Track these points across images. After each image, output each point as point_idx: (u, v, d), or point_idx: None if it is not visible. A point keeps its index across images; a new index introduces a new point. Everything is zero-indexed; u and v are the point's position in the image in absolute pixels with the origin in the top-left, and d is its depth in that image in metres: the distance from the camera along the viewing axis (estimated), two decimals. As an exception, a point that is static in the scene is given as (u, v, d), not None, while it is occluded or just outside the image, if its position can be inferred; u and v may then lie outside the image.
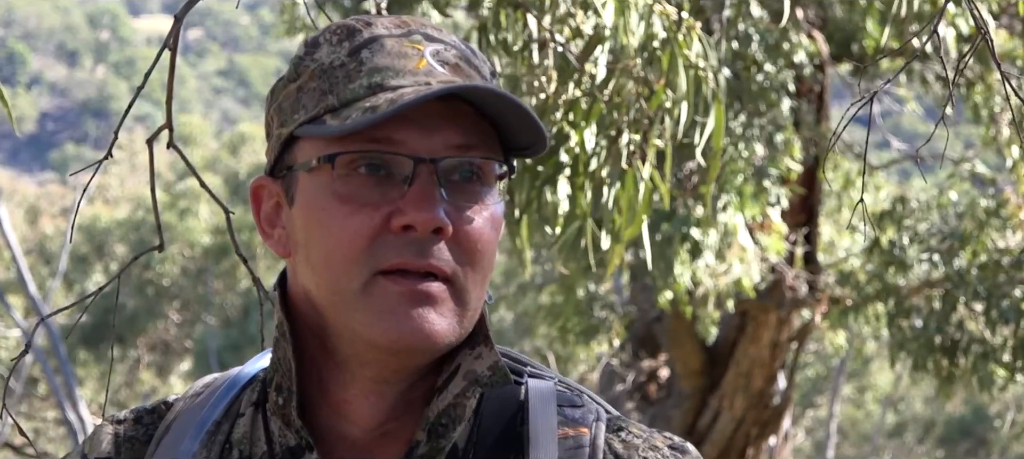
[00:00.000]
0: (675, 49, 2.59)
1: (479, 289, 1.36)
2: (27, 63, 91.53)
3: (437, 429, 1.37)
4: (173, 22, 2.36)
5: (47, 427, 23.53)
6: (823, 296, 10.02)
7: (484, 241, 1.35)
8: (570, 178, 2.73)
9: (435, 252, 1.33)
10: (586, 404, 1.43)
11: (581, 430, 1.41)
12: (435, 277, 1.34)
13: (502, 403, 1.41)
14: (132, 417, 1.49)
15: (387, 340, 1.33)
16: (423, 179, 1.34)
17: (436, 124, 1.34)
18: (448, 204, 1.34)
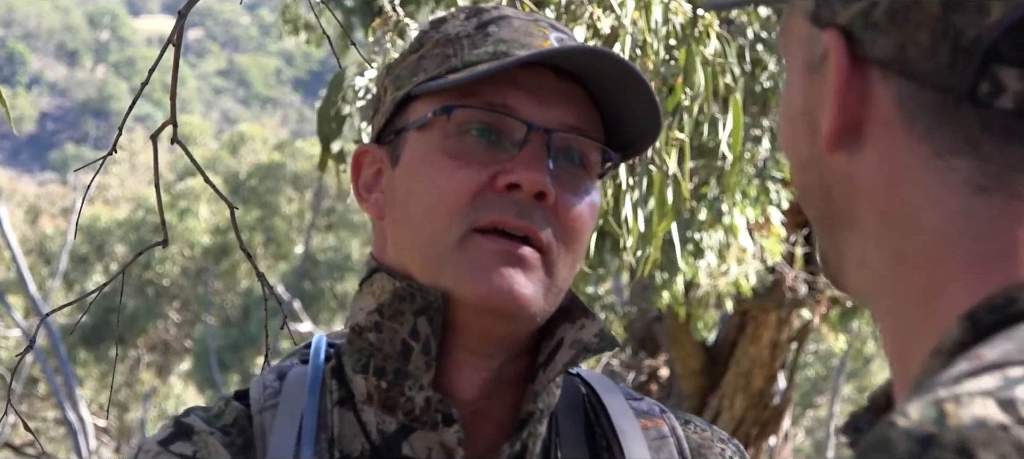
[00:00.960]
0: (692, 46, 2.59)
1: (569, 270, 1.38)
2: (27, 63, 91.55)
3: (534, 414, 1.38)
4: (177, 18, 2.36)
5: (47, 427, 23.53)
6: (823, 297, 10.03)
7: (582, 222, 1.37)
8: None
9: (536, 217, 1.35)
10: (640, 397, 1.47)
11: (657, 422, 1.43)
12: (530, 242, 1.35)
13: (570, 394, 1.43)
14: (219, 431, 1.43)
15: (475, 296, 1.34)
16: (534, 145, 1.35)
17: (554, 100, 1.36)
18: (555, 178, 1.36)
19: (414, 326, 1.36)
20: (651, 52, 2.59)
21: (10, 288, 21.97)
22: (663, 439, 1.41)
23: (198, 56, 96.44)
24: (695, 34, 2.59)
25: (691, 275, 8.36)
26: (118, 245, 23.77)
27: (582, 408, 1.42)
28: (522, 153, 1.35)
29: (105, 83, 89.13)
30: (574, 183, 1.37)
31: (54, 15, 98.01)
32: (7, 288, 21.63)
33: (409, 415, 1.37)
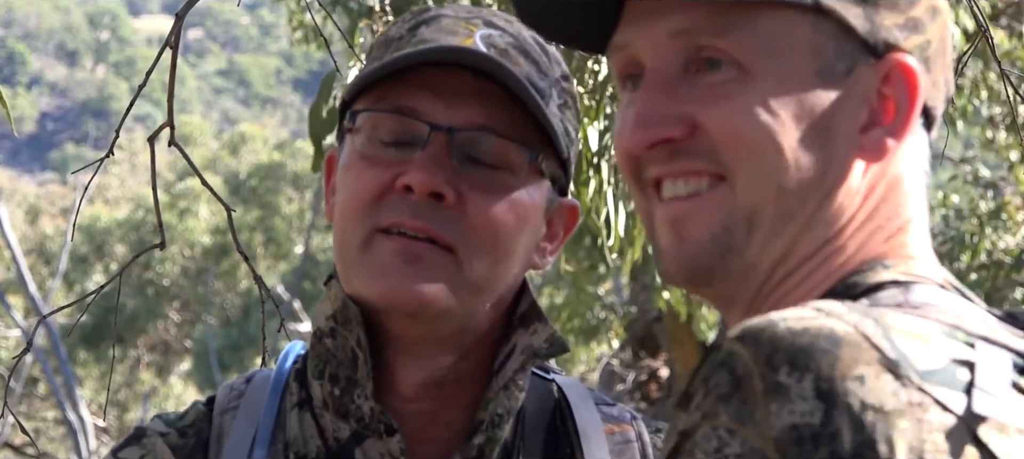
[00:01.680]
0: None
1: (490, 268, 1.36)
2: (27, 63, 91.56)
3: (493, 419, 1.38)
4: (174, 20, 2.36)
5: (47, 427, 23.53)
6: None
7: (495, 222, 1.35)
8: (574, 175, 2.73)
9: (434, 217, 1.34)
10: (615, 403, 1.46)
11: (624, 427, 1.43)
12: (434, 242, 1.34)
13: (541, 399, 1.43)
14: (174, 431, 1.47)
15: (376, 296, 1.35)
16: (435, 146, 1.35)
17: (462, 99, 1.36)
18: (462, 178, 1.35)
19: (359, 334, 1.39)
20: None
21: (10, 288, 21.97)
22: (627, 444, 1.42)
23: (198, 56, 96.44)
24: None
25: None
26: (118, 245, 23.76)
27: (551, 413, 1.42)
28: (422, 154, 1.35)
29: (105, 83, 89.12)
30: (486, 182, 1.35)
31: (54, 15, 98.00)
32: (7, 288, 21.63)
33: (360, 423, 1.38)
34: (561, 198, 1.43)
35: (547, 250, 1.43)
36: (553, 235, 1.43)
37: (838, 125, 1.04)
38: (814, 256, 1.04)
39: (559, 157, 1.40)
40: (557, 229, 1.43)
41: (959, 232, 9.23)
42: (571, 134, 1.42)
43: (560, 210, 1.43)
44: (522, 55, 1.38)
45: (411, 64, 1.35)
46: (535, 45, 1.40)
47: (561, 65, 1.42)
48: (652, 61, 1.06)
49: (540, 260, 1.42)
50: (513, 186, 1.36)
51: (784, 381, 0.89)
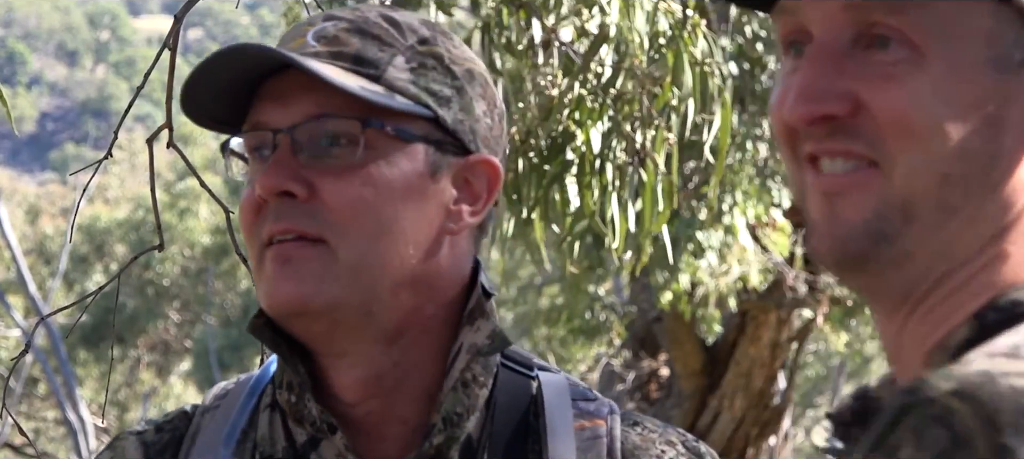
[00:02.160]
0: (681, 47, 2.58)
1: (368, 246, 1.35)
2: (27, 63, 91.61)
3: (451, 418, 1.38)
4: (173, 22, 2.35)
5: (47, 427, 23.54)
6: (824, 296, 10.02)
7: (352, 200, 1.35)
8: (577, 177, 2.72)
9: (293, 214, 1.35)
10: (598, 398, 1.45)
11: (597, 422, 1.42)
12: (303, 238, 1.35)
13: (515, 395, 1.43)
14: (152, 428, 1.51)
15: (267, 308, 1.37)
16: (281, 149, 1.36)
17: (295, 96, 1.37)
18: (312, 170, 1.35)
19: (282, 346, 1.41)
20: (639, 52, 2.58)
21: (10, 288, 21.97)
22: (596, 439, 1.41)
23: (198, 56, 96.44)
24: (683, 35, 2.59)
25: (692, 274, 8.36)
26: (118, 245, 23.77)
27: (524, 410, 1.42)
28: (270, 162, 1.36)
29: (105, 83, 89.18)
30: (335, 166, 1.35)
31: (54, 15, 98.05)
32: (7, 288, 21.63)
33: (313, 426, 1.40)
34: (465, 157, 1.41)
35: (465, 212, 1.41)
36: (475, 195, 1.41)
37: (1010, 118, 0.98)
38: (977, 257, 0.99)
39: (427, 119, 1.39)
40: (477, 188, 1.41)
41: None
42: (439, 92, 1.40)
43: (469, 168, 1.41)
44: (356, 35, 1.38)
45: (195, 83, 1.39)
46: (380, 22, 1.40)
47: (418, 32, 1.41)
48: (820, 31, 1.01)
49: (457, 225, 1.40)
50: (364, 161, 1.36)
51: (1010, 444, 0.84)
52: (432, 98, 1.39)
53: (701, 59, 2.58)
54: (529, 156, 2.70)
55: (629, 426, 1.44)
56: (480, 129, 1.42)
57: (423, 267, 1.38)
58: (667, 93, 2.60)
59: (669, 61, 2.59)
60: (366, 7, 1.42)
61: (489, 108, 1.43)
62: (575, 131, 2.67)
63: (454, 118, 1.40)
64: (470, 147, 1.41)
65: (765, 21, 8.32)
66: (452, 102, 1.40)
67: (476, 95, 1.42)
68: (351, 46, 1.38)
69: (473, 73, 1.43)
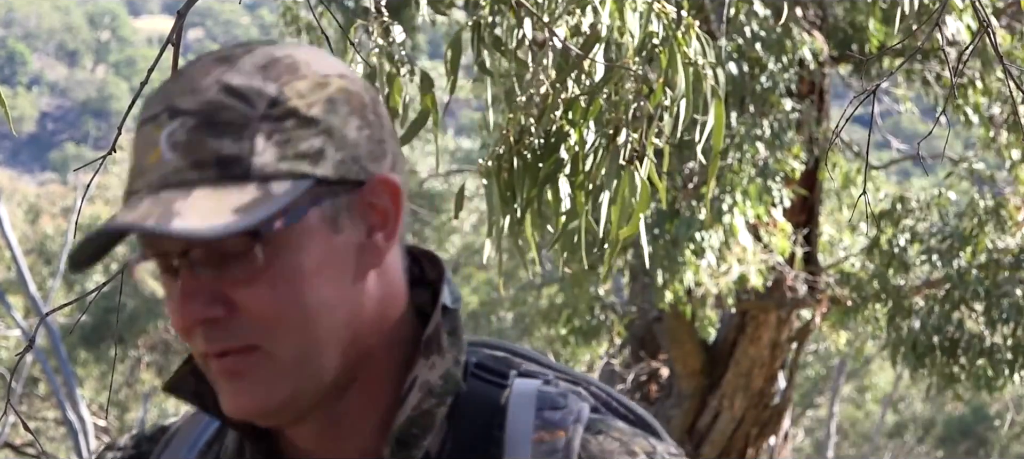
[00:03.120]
0: (674, 47, 2.58)
1: (299, 336, 1.32)
2: (27, 63, 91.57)
3: (407, 440, 1.37)
4: (176, 17, 2.36)
5: (47, 427, 23.53)
6: (823, 296, 10.03)
7: (269, 304, 1.31)
8: (569, 176, 2.72)
9: (220, 334, 1.32)
10: (568, 405, 1.40)
11: (557, 434, 1.38)
12: (240, 351, 1.33)
13: (479, 407, 1.40)
14: (131, 443, 1.52)
15: (229, 414, 1.35)
16: (183, 277, 1.32)
17: None
18: (223, 282, 1.31)
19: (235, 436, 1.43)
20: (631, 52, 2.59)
21: (10, 288, 21.97)
22: (552, 453, 1.37)
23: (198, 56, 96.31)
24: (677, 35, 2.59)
25: (690, 275, 8.36)
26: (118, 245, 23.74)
27: (489, 422, 1.39)
28: (178, 291, 1.32)
29: (105, 83, 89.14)
30: (245, 274, 1.31)
31: (54, 15, 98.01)
32: (7, 288, 21.63)
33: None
34: (359, 188, 1.34)
35: (379, 240, 1.36)
36: (383, 216, 1.36)
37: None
38: None
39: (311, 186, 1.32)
40: (382, 207, 1.35)
41: (958, 230, 9.23)
42: (309, 150, 1.31)
43: (368, 194, 1.35)
44: (208, 131, 1.29)
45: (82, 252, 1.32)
46: (224, 100, 1.30)
47: (265, 94, 1.31)
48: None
49: (376, 257, 1.36)
50: (267, 263, 1.31)
51: None
52: (306, 162, 1.31)
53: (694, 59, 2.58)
54: (524, 155, 2.70)
55: (592, 435, 1.39)
56: (362, 151, 1.34)
57: (360, 320, 1.35)
58: (659, 93, 2.60)
59: (662, 62, 2.59)
60: (204, 79, 1.32)
61: (362, 119, 1.35)
62: (568, 131, 2.67)
63: (334, 165, 1.32)
64: (360, 177, 1.34)
65: (764, 22, 8.32)
66: (325, 151, 1.32)
67: (344, 119, 1.33)
68: (208, 149, 1.29)
69: (333, 98, 1.33)
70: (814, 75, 9.04)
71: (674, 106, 2.58)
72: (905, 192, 10.45)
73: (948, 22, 7.68)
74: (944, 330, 9.26)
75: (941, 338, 9.23)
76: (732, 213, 8.30)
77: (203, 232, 1.25)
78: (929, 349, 9.24)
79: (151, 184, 1.30)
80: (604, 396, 1.48)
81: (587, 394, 1.46)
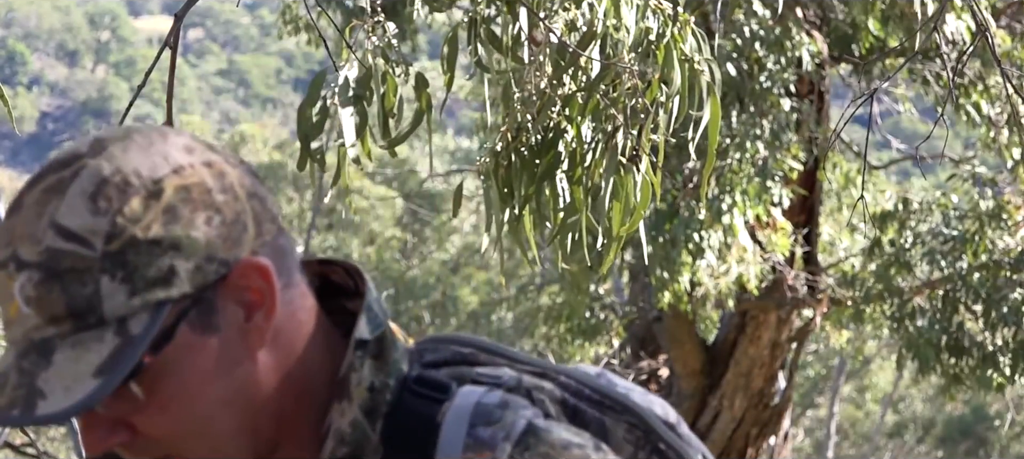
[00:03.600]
0: (670, 43, 2.58)
1: (207, 443, 1.33)
2: (27, 63, 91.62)
3: None
4: (173, 21, 2.36)
5: (47, 427, 23.52)
6: (824, 297, 10.03)
7: (166, 425, 1.32)
8: (567, 173, 2.72)
9: (137, 452, 1.34)
10: (502, 419, 1.36)
11: (484, 454, 1.36)
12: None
13: (415, 426, 1.38)
14: None
15: None
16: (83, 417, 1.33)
17: None
18: (119, 409, 1.32)
19: None
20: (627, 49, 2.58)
21: (10, 288, 21.97)
22: None
23: (198, 56, 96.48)
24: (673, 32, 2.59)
25: (689, 275, 8.36)
26: None
27: (424, 440, 1.37)
28: (81, 424, 1.33)
29: (105, 83, 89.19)
30: (135, 404, 1.32)
31: (54, 15, 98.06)
32: (7, 288, 21.64)
33: None
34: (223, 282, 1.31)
35: (258, 320, 1.33)
36: (258, 295, 1.33)
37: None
38: None
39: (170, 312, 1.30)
40: (255, 287, 1.33)
41: (960, 231, 9.23)
42: (158, 275, 1.28)
43: (236, 283, 1.32)
44: (53, 283, 1.27)
45: None
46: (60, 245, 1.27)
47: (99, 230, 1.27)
48: None
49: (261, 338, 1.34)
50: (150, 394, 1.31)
51: None
52: (158, 289, 1.28)
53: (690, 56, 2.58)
54: (521, 151, 2.70)
55: (519, 451, 1.35)
56: (216, 247, 1.30)
57: (261, 396, 1.34)
58: (655, 90, 2.60)
59: (659, 58, 2.59)
60: (37, 221, 1.29)
61: (209, 211, 1.30)
62: (566, 127, 2.66)
63: (189, 278, 1.29)
64: (222, 273, 1.31)
65: (764, 21, 8.32)
66: (176, 267, 1.28)
67: (188, 222, 1.29)
68: (59, 304, 1.27)
69: (171, 208, 1.28)
70: (813, 75, 9.04)
71: (669, 103, 2.58)
72: (906, 192, 10.45)
73: (948, 21, 7.68)
74: (948, 331, 9.26)
75: (948, 338, 9.24)
76: (732, 213, 8.30)
77: (69, 409, 1.26)
78: (937, 349, 9.25)
79: (15, 340, 1.30)
80: (574, 385, 1.44)
81: (553, 387, 1.43)
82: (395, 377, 1.39)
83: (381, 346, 1.38)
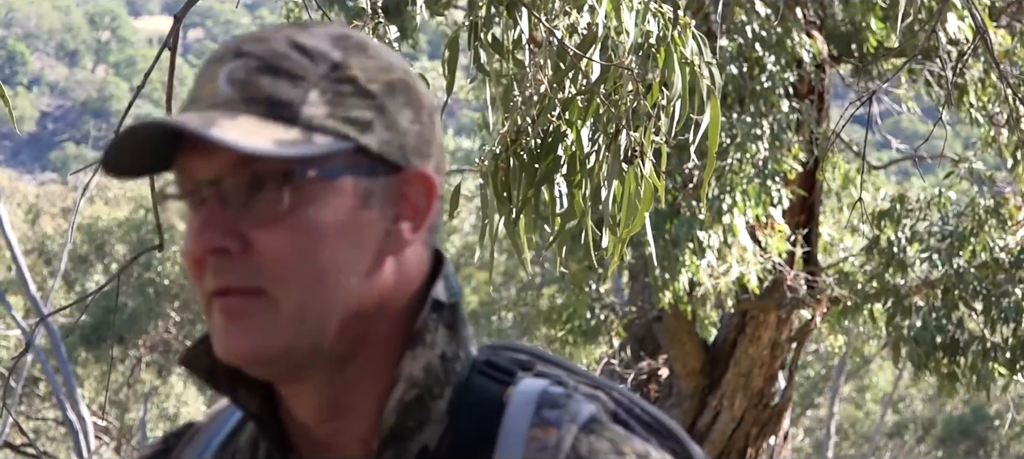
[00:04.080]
0: (670, 46, 2.59)
1: (308, 293, 1.34)
2: (27, 63, 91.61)
3: (401, 432, 1.38)
4: (173, 22, 2.37)
5: (48, 427, 23.54)
6: (823, 296, 10.03)
7: (284, 251, 1.33)
8: (566, 176, 2.73)
9: (229, 271, 1.34)
10: (568, 406, 1.40)
11: (550, 432, 1.38)
12: (247, 293, 1.34)
13: (482, 403, 1.41)
14: (161, 440, 1.54)
15: (221, 356, 1.37)
16: (208, 204, 1.34)
17: (217, 148, 1.32)
18: (246, 219, 1.33)
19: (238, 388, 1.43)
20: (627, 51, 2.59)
21: (10, 288, 21.97)
22: (541, 451, 1.38)
23: (198, 56, 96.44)
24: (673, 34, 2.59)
25: (690, 275, 8.36)
26: (118, 245, 23.78)
27: (489, 418, 1.40)
28: (200, 217, 1.34)
29: (105, 83, 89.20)
30: (268, 215, 1.33)
31: (54, 15, 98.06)
32: (7, 288, 21.63)
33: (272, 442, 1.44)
34: (396, 174, 1.37)
35: (404, 230, 1.38)
36: (413, 209, 1.38)
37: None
38: None
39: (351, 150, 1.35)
40: (415, 201, 1.38)
41: (958, 230, 9.23)
42: (359, 118, 1.35)
43: (403, 184, 1.37)
44: (267, 74, 1.34)
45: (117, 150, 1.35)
46: (290, 53, 1.35)
47: (329, 58, 1.36)
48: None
49: (398, 245, 1.38)
50: (292, 209, 1.33)
51: None
52: (352, 127, 1.35)
53: (690, 58, 2.58)
54: (520, 155, 2.70)
55: (585, 434, 1.39)
56: (408, 141, 1.38)
57: (368, 296, 1.36)
58: (656, 92, 2.61)
59: (659, 61, 2.59)
60: (275, 34, 1.37)
61: (415, 113, 1.39)
62: (565, 131, 2.67)
63: (379, 140, 1.36)
64: (400, 163, 1.37)
65: (765, 22, 8.32)
66: (374, 125, 1.36)
67: (399, 106, 1.38)
68: (263, 89, 1.33)
69: (393, 84, 1.38)
70: (813, 76, 9.05)
71: (670, 105, 2.58)
72: (905, 192, 10.45)
73: (949, 21, 7.68)
74: (945, 329, 9.26)
75: (943, 338, 9.24)
76: (732, 213, 8.31)
77: (241, 145, 1.29)
78: (932, 348, 9.24)
79: (200, 109, 1.34)
80: (627, 402, 1.47)
81: (607, 399, 1.45)
82: (465, 353, 1.42)
83: (455, 317, 1.42)
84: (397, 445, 1.38)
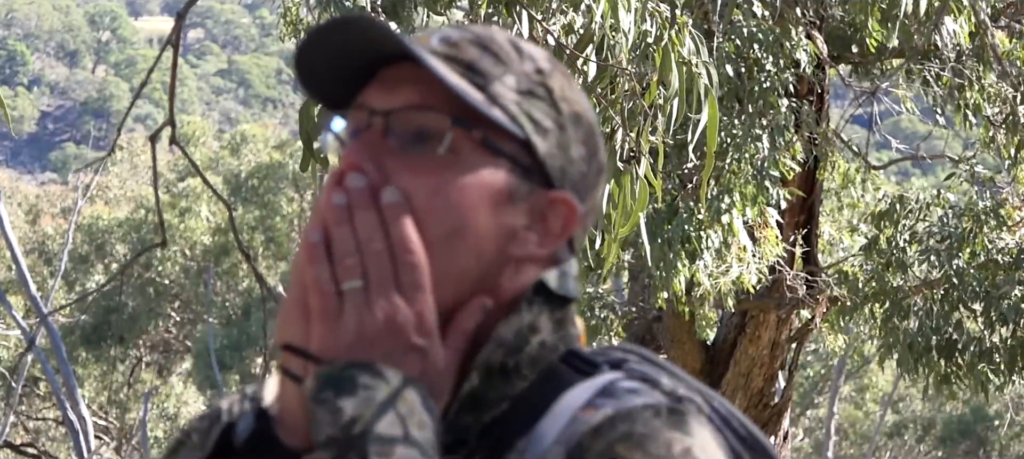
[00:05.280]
0: (668, 46, 2.59)
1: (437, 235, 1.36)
2: (27, 63, 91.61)
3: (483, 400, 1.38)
4: (175, 19, 2.37)
5: (48, 427, 23.54)
6: (822, 296, 10.04)
7: (419, 197, 1.35)
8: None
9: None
10: (622, 396, 1.38)
11: (589, 412, 1.37)
12: None
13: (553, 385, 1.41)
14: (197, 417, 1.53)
15: None
16: (371, 130, 1.38)
17: (400, 85, 1.38)
18: (399, 160, 1.36)
19: None
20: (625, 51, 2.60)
21: (10, 288, 21.97)
22: (584, 424, 1.36)
23: (198, 57, 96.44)
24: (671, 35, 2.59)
25: (686, 275, 8.37)
26: (118, 245, 23.78)
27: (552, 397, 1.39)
28: (359, 138, 1.38)
29: (105, 83, 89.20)
30: (422, 160, 1.37)
31: (54, 15, 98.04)
32: (7, 288, 21.63)
33: None
34: (547, 190, 1.40)
35: (531, 241, 1.39)
36: (547, 230, 1.40)
37: None
38: None
39: (519, 140, 1.39)
40: (552, 224, 1.40)
41: (958, 230, 9.24)
42: (540, 121, 1.40)
43: (549, 204, 1.40)
44: (477, 47, 1.40)
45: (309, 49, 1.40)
46: (504, 43, 1.42)
47: (536, 62, 1.42)
48: None
49: (521, 251, 1.39)
50: (445, 160, 1.36)
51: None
52: (530, 123, 1.39)
53: (688, 59, 2.59)
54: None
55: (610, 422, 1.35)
56: (572, 171, 1.41)
57: (481, 281, 1.38)
58: (653, 92, 2.61)
59: (657, 60, 2.60)
60: (497, 29, 1.44)
61: (588, 155, 1.44)
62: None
63: (547, 149, 1.40)
64: (555, 183, 1.40)
65: (762, 23, 8.33)
66: (549, 134, 1.40)
67: (577, 138, 1.42)
68: (469, 55, 1.39)
69: (580, 117, 1.43)
70: (812, 76, 9.05)
71: (668, 105, 2.59)
72: (905, 192, 10.45)
73: (946, 22, 7.69)
74: (942, 330, 9.26)
75: (939, 339, 9.24)
76: (731, 213, 8.31)
77: (440, 71, 1.35)
78: (926, 350, 9.25)
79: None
80: (725, 412, 1.44)
81: (704, 402, 1.42)
82: (565, 347, 1.43)
83: (564, 314, 1.43)
84: (474, 414, 1.38)
